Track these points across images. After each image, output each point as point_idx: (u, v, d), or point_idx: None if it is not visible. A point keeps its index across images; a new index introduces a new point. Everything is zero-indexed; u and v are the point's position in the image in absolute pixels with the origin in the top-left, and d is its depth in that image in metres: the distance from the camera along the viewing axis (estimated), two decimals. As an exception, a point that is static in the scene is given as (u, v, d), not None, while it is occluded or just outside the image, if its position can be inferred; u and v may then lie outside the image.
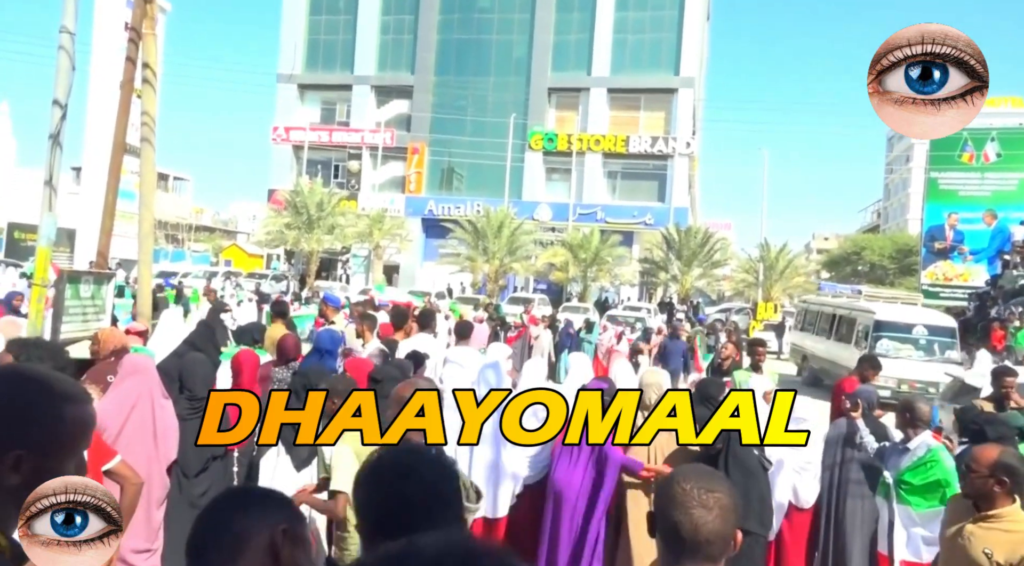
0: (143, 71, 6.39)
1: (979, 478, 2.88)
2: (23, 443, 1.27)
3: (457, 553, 0.65)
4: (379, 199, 39.66)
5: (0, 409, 1.30)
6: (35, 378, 1.40)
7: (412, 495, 1.46)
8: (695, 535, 1.56)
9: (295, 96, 42.75)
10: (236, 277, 31.10)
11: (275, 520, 1.36)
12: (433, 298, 25.71)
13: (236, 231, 69.07)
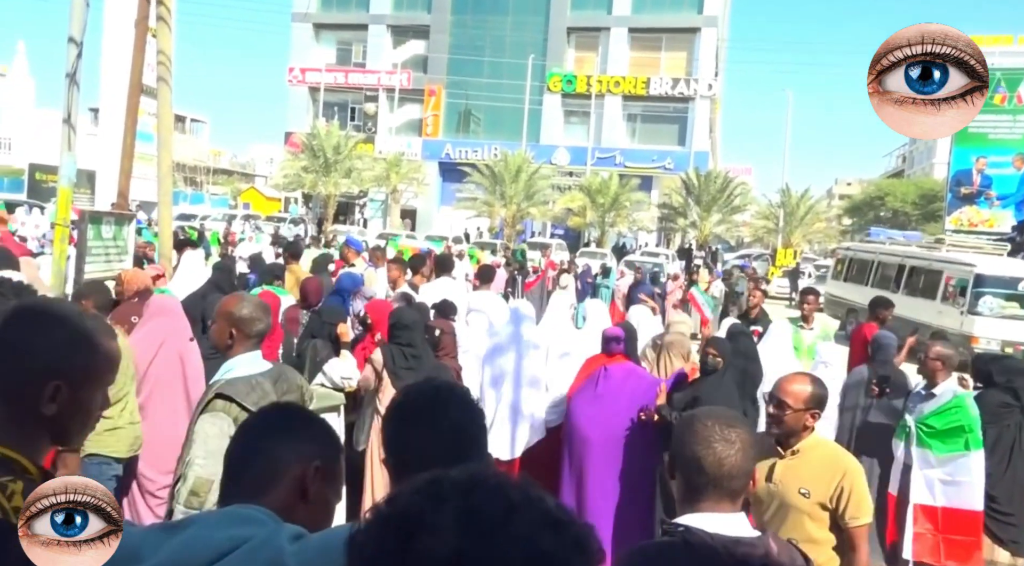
0: (157, 8, 6.27)
1: (794, 414, 2.68)
2: (60, 374, 1.33)
3: (487, 483, 0.67)
4: (396, 142, 39.32)
5: (40, 342, 1.35)
6: (69, 314, 1.44)
7: (439, 432, 1.47)
8: (718, 469, 1.59)
9: (310, 36, 42.04)
10: (255, 220, 31.23)
11: (310, 452, 1.36)
12: (450, 243, 25.73)
13: (254, 174, 68.98)
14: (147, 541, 1.13)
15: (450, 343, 4.84)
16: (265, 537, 1.13)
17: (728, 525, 1.57)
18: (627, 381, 4.47)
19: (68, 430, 1.40)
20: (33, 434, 1.37)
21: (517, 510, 0.64)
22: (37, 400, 1.33)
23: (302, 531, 1.19)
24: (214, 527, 1.12)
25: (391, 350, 4.41)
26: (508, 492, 0.66)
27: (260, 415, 1.42)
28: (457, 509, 0.62)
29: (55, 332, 1.37)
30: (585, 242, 34.51)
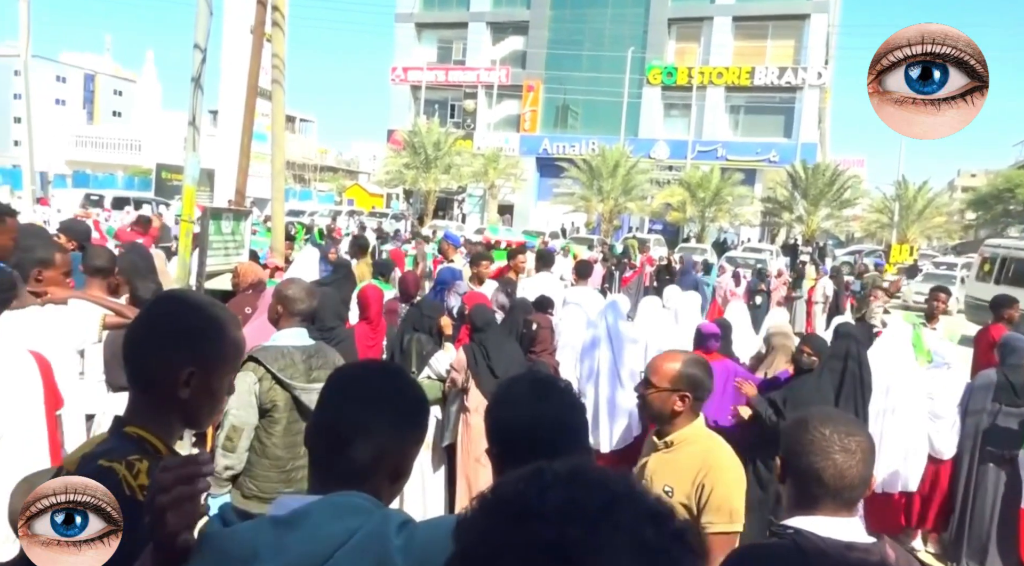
0: (272, 15, 6.59)
1: (657, 393, 2.37)
2: (194, 360, 1.43)
3: (589, 475, 0.68)
4: (494, 138, 39.72)
5: (177, 329, 1.45)
6: (203, 303, 1.54)
7: (540, 423, 1.47)
8: (839, 481, 1.52)
9: (413, 35, 43.05)
10: (358, 216, 32.33)
11: (411, 439, 1.34)
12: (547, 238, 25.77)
13: (358, 171, 71.38)
14: (261, 539, 1.13)
15: (547, 338, 4.86)
16: (372, 528, 1.14)
17: (841, 530, 1.51)
18: (727, 380, 4.39)
19: (198, 414, 1.50)
20: (167, 417, 1.47)
21: (619, 501, 0.64)
22: (173, 385, 1.42)
23: (407, 518, 1.19)
24: (327, 520, 1.14)
25: (472, 349, 4.48)
26: (610, 484, 0.67)
27: (364, 395, 1.34)
28: (560, 498, 0.63)
29: (190, 321, 1.46)
30: (684, 237, 33.77)
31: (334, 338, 4.75)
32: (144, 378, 1.46)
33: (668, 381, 2.40)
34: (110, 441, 1.46)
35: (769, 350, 5.21)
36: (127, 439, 1.43)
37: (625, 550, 0.60)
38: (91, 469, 1.36)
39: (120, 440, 1.44)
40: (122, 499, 1.31)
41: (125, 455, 1.37)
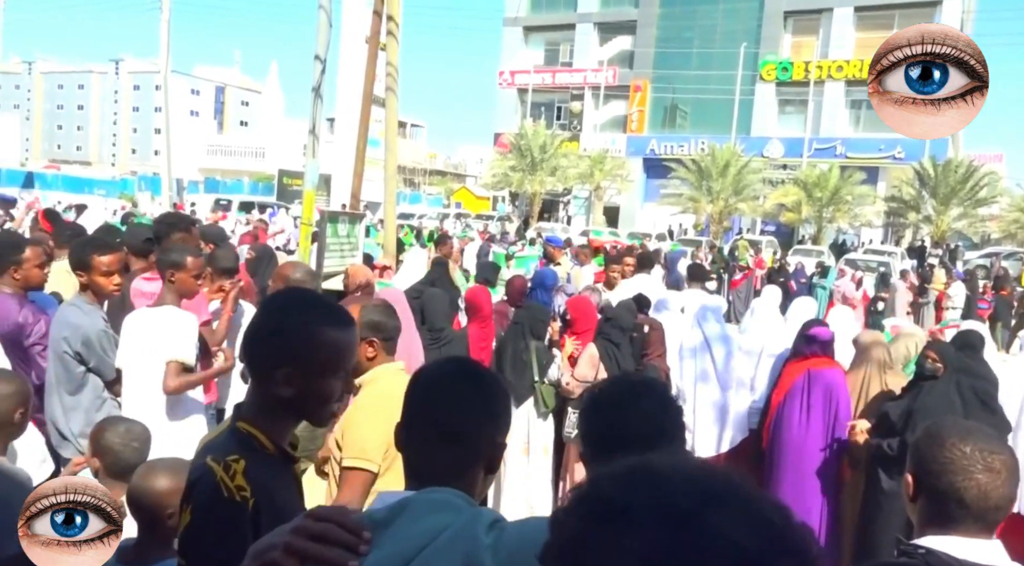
0: (387, 24, 6.83)
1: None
2: (290, 361, 1.44)
3: (684, 471, 0.63)
4: (600, 139, 39.48)
5: (274, 329, 1.48)
6: (304, 302, 1.55)
7: (631, 426, 1.44)
8: (983, 502, 1.41)
9: (520, 39, 43.46)
10: (465, 218, 32.95)
11: (501, 431, 1.36)
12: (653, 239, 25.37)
13: (465, 174, 72.71)
14: None
15: (658, 341, 4.79)
16: (462, 526, 1.13)
17: (980, 552, 1.40)
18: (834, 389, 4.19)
19: (307, 412, 1.52)
20: (277, 414, 1.50)
21: (714, 501, 0.58)
22: (274, 383, 1.45)
23: (498, 517, 1.18)
24: (419, 517, 1.13)
25: (605, 346, 4.45)
26: (707, 482, 0.61)
27: (449, 393, 1.33)
28: (651, 496, 0.59)
29: (286, 321, 1.48)
30: (799, 239, 32.35)
31: (443, 339, 4.87)
32: (253, 374, 1.51)
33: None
34: (224, 433, 1.53)
35: (859, 360, 4.75)
36: (237, 434, 1.48)
37: (716, 556, 0.55)
38: (199, 463, 1.44)
39: (231, 434, 1.49)
40: (218, 502, 1.36)
41: (227, 454, 1.42)
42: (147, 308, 3.53)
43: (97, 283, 3.42)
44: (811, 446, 4.10)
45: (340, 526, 0.98)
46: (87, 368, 3.37)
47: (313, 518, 0.99)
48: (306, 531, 0.97)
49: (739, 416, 4.73)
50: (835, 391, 4.12)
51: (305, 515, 1.00)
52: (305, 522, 0.98)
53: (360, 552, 0.99)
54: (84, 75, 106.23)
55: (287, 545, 0.95)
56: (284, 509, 1.46)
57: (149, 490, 1.96)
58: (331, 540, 0.97)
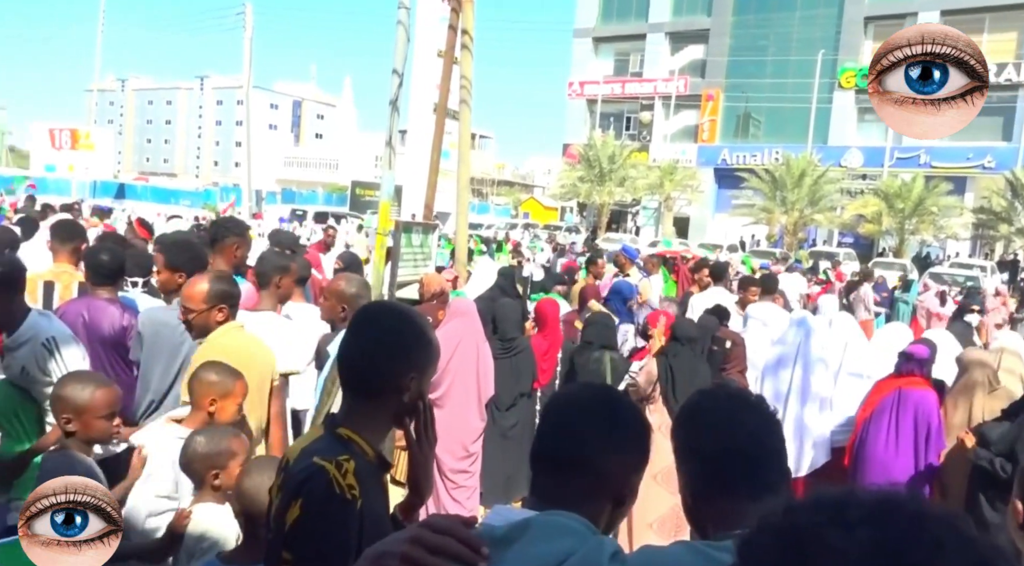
0: (462, 38, 6.94)
1: (200, 314, 2.82)
2: (415, 367, 1.55)
3: (905, 511, 0.56)
4: (670, 150, 39.02)
5: (402, 340, 1.57)
6: (412, 312, 1.66)
7: (733, 440, 1.36)
8: None
9: (590, 50, 43.43)
10: (533, 229, 33.04)
11: (634, 464, 1.33)
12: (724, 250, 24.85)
13: (533, 185, 73.00)
14: None
15: (740, 355, 4.66)
16: (586, 554, 1.09)
17: None
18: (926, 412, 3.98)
19: (405, 415, 1.59)
20: (379, 421, 1.59)
21: (945, 549, 0.52)
22: (399, 391, 1.54)
23: (618, 548, 1.14)
24: (542, 540, 1.10)
25: (666, 362, 4.38)
26: (932, 524, 0.55)
27: (583, 418, 1.31)
28: (871, 539, 0.53)
29: (411, 331, 1.58)
30: (879, 251, 31.13)
31: (514, 349, 4.88)
32: (368, 385, 1.57)
33: (203, 302, 2.84)
34: (323, 439, 1.58)
35: (962, 383, 4.49)
36: (338, 439, 1.54)
37: None
38: (306, 464, 1.49)
39: (332, 439, 1.55)
40: (332, 498, 1.42)
41: (335, 455, 1.48)
42: (247, 312, 3.65)
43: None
44: (898, 469, 3.91)
45: (459, 539, 0.95)
46: None
47: (431, 528, 0.96)
48: (424, 542, 0.94)
49: (821, 436, 4.55)
50: (927, 414, 3.92)
51: (421, 525, 0.98)
52: (423, 532, 0.95)
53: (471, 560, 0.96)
54: (172, 91, 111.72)
55: (405, 555, 0.93)
56: (379, 514, 1.51)
57: (259, 492, 2.02)
58: (450, 554, 0.93)
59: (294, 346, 3.57)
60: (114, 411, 2.47)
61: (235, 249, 4.23)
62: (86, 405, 2.38)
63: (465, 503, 4.53)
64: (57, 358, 2.89)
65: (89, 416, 2.40)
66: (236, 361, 2.74)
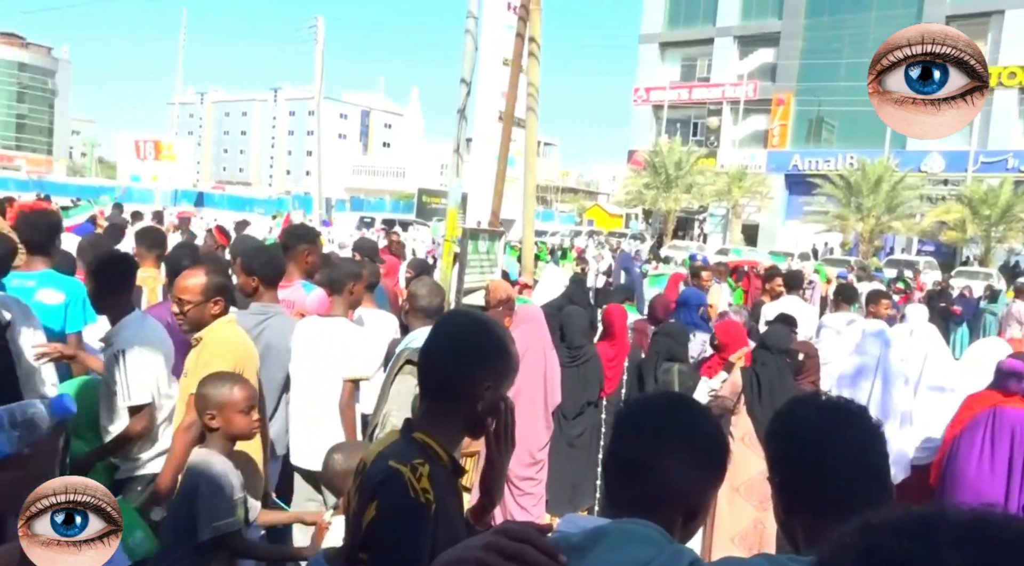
0: (529, 46, 6.96)
1: (196, 307, 2.86)
2: (492, 375, 1.56)
3: (1000, 532, 0.52)
4: (739, 155, 38.23)
5: (481, 348, 1.59)
6: (492, 322, 1.67)
7: (834, 453, 1.28)
8: None
9: (656, 55, 43.00)
10: (598, 236, 32.85)
11: (708, 481, 1.29)
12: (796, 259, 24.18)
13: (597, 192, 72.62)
14: None
15: (814, 368, 4.51)
16: (663, 563, 1.07)
17: None
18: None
19: (482, 424, 1.60)
20: (455, 426, 1.60)
21: None
22: (474, 397, 1.55)
23: (696, 557, 1.12)
24: (616, 548, 1.10)
25: (752, 373, 4.25)
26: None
27: (657, 428, 1.28)
28: (963, 563, 0.50)
29: (490, 339, 1.60)
30: (963, 260, 29.72)
31: (582, 356, 4.84)
32: (446, 390, 1.59)
33: (200, 294, 2.86)
34: (399, 443, 1.60)
35: None
36: (413, 443, 1.56)
37: None
38: (382, 467, 1.51)
39: (407, 443, 1.57)
40: (406, 501, 1.44)
41: (410, 458, 1.50)
42: (319, 317, 3.74)
43: None
44: (991, 491, 3.69)
45: (535, 546, 0.94)
46: None
47: (506, 535, 0.95)
48: (500, 549, 0.93)
49: (901, 453, 4.35)
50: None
51: (497, 531, 0.97)
52: (499, 539, 0.95)
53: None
54: (247, 103, 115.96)
55: (480, 561, 0.93)
56: (453, 519, 1.52)
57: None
58: (526, 560, 0.92)
59: (364, 352, 3.63)
60: (252, 406, 2.61)
61: (306, 256, 4.34)
62: (227, 401, 2.53)
63: (531, 510, 4.52)
64: (121, 371, 2.94)
65: (230, 411, 2.55)
66: (240, 355, 2.84)
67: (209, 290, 2.89)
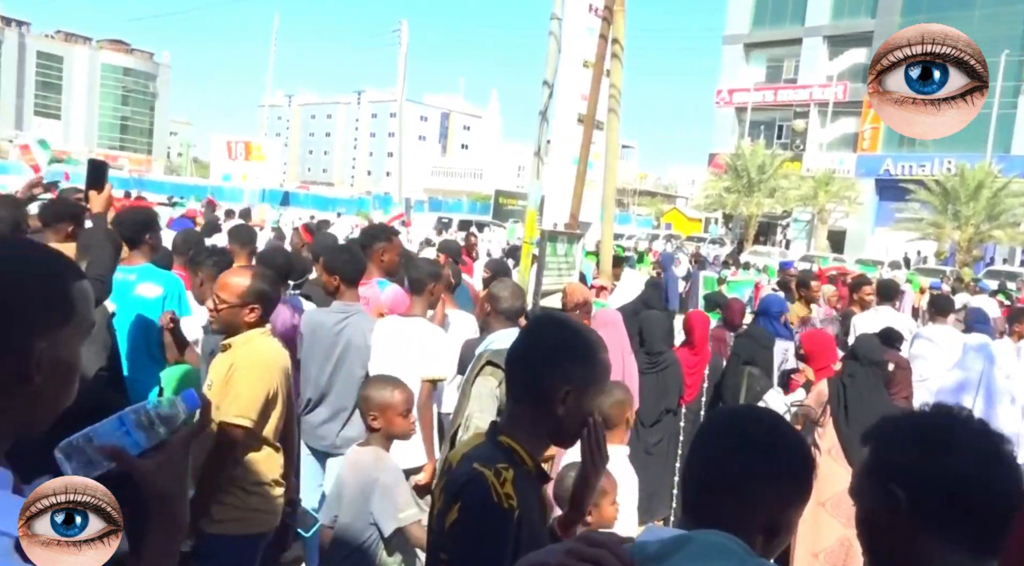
0: (612, 47, 6.88)
1: (230, 309, 2.68)
2: (572, 380, 1.52)
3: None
4: (826, 159, 36.89)
5: (560, 350, 1.55)
6: (579, 326, 1.65)
7: (967, 477, 1.14)
8: None
9: (740, 57, 41.98)
10: (676, 240, 32.31)
11: (789, 497, 1.22)
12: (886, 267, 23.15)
13: (675, 195, 71.53)
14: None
15: (905, 381, 4.29)
16: None
17: None
18: None
19: (567, 432, 1.57)
20: (539, 432, 1.58)
21: None
22: (552, 401, 1.52)
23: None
24: (696, 559, 1.09)
25: (839, 384, 4.07)
26: None
27: (740, 441, 1.23)
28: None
29: (572, 343, 1.56)
30: (1073, 272, 27.80)
31: (662, 363, 4.75)
32: (527, 392, 1.58)
33: (238, 297, 2.69)
34: (485, 446, 1.59)
35: None
36: (499, 447, 1.55)
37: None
38: (467, 469, 1.51)
39: (493, 446, 1.57)
40: (489, 505, 1.43)
41: (495, 462, 1.49)
42: (399, 317, 3.79)
43: None
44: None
45: (613, 554, 0.97)
46: None
47: (586, 542, 0.99)
48: (580, 555, 0.97)
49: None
50: None
51: (578, 539, 1.00)
52: (579, 546, 0.98)
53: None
54: (332, 106, 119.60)
55: (561, 565, 0.97)
56: (535, 526, 1.50)
57: None
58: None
59: (443, 353, 3.65)
60: (409, 408, 2.73)
61: (381, 254, 4.40)
62: (388, 403, 2.66)
63: (605, 517, 4.45)
64: (204, 369, 3.03)
65: (391, 413, 2.68)
66: (271, 371, 2.70)
67: (247, 295, 2.71)
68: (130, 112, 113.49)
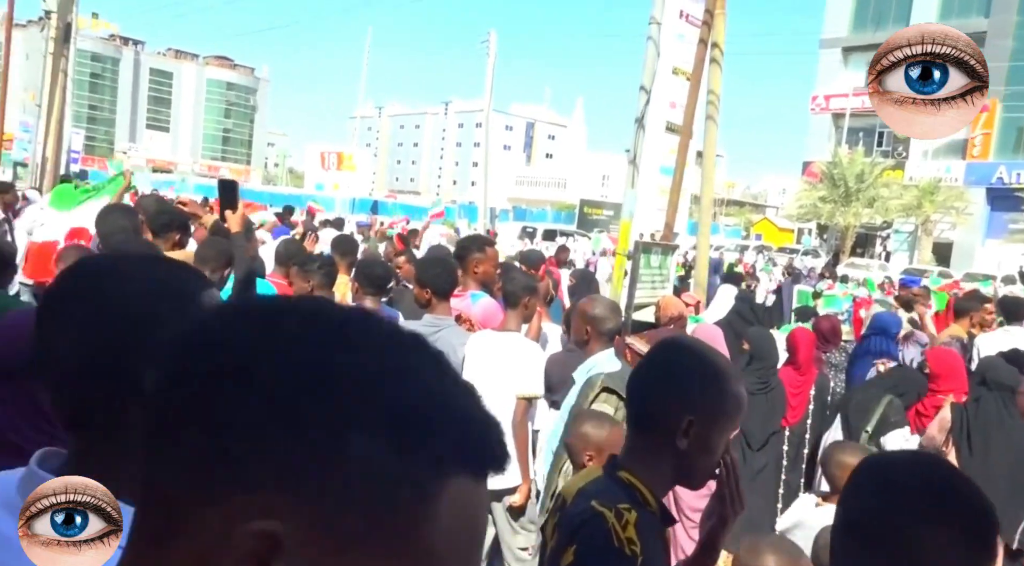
0: (711, 51, 6.65)
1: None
2: (695, 410, 1.38)
3: None
4: (931, 167, 34.93)
5: (682, 377, 1.42)
6: (707, 352, 1.49)
7: None
8: None
9: (838, 61, 40.37)
10: (767, 251, 31.24)
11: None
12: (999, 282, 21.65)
13: (765, 205, 69.41)
14: None
15: (1025, 406, 3.89)
16: None
17: None
18: None
19: (693, 469, 1.43)
20: (661, 466, 1.43)
21: None
22: (672, 432, 1.38)
23: None
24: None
25: (965, 411, 3.75)
26: None
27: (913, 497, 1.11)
28: None
29: (695, 369, 1.43)
30: None
31: (769, 386, 4.50)
32: (645, 420, 1.46)
33: None
34: (603, 480, 1.47)
35: None
36: (618, 483, 1.43)
37: None
38: (584, 507, 1.39)
39: (612, 482, 1.44)
40: (609, 551, 1.31)
41: (615, 502, 1.36)
42: (493, 331, 3.70)
43: None
44: None
45: None
46: None
47: None
48: None
49: None
50: None
51: None
52: None
53: None
54: (420, 116, 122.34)
55: None
56: None
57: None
58: None
59: (538, 369, 3.53)
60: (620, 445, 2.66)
61: (475, 265, 4.33)
62: (604, 442, 2.57)
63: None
64: None
65: (608, 451, 2.60)
66: None
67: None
68: (232, 124, 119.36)
